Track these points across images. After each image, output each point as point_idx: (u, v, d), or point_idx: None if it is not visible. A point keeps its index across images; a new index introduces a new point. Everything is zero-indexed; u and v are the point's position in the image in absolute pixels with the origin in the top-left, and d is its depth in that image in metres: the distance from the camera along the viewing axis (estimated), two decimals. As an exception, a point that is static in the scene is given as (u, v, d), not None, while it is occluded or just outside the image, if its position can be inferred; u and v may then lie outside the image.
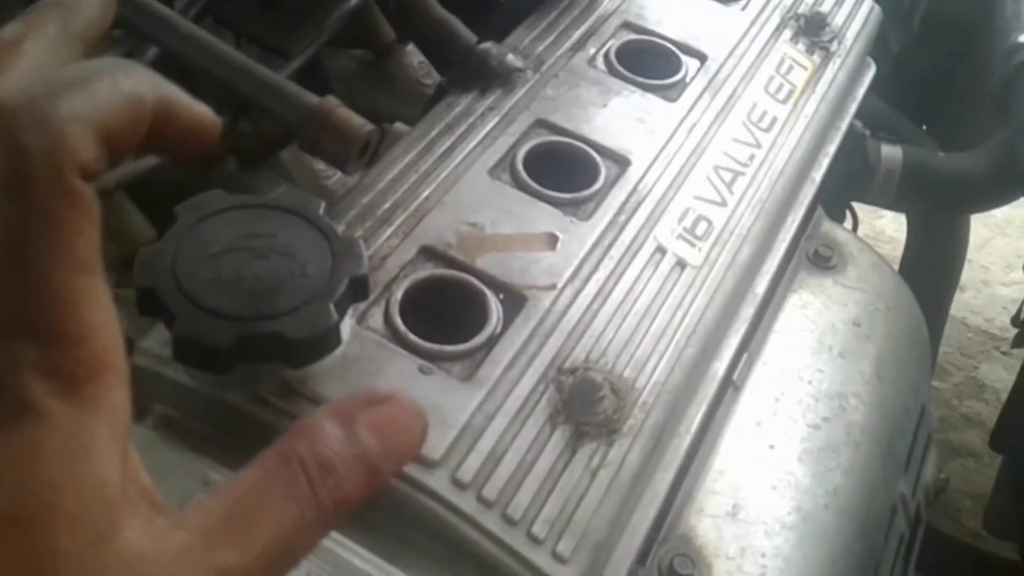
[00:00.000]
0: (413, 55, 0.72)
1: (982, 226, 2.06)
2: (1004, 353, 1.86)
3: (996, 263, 2.09)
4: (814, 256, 0.75)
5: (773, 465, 0.61)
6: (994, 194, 0.82)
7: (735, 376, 0.64)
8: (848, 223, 1.04)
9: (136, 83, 0.25)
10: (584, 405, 0.44)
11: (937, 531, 1.11)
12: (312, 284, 0.40)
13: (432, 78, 0.72)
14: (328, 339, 0.40)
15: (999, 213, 2.05)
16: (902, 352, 0.74)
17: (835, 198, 0.85)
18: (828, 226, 0.79)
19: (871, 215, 1.79)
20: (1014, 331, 1.08)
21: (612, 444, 0.44)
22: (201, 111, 0.27)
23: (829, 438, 0.64)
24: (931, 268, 1.01)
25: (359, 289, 0.40)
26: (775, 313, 0.71)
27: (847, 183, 0.81)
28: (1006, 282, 2.02)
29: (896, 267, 1.19)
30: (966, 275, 2.15)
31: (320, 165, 0.63)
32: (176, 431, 0.43)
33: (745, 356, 0.65)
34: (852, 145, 0.79)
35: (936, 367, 1.91)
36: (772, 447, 0.62)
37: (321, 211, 0.42)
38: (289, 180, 0.63)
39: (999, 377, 1.83)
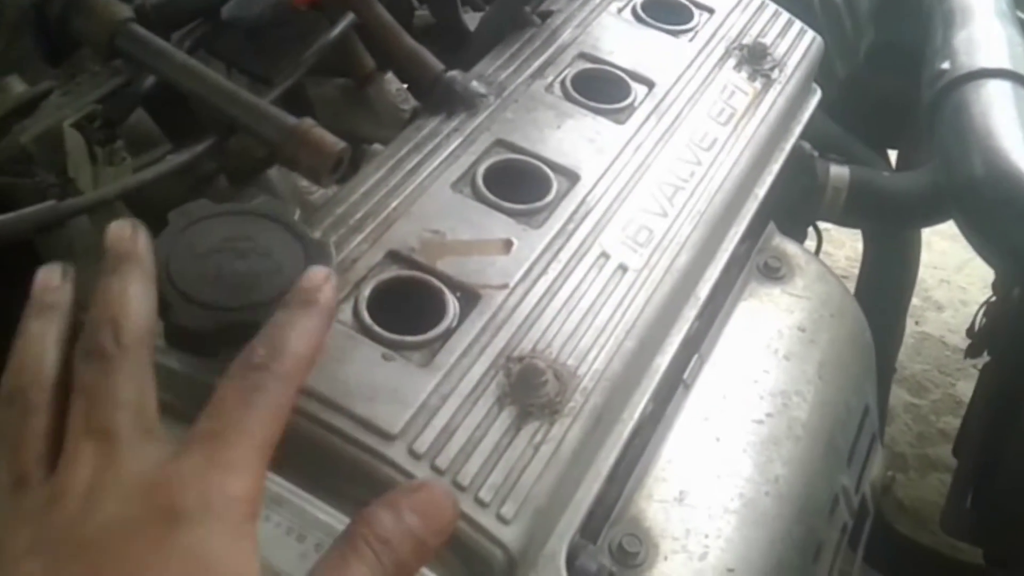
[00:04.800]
0: (391, 83, 0.78)
1: (961, 248, 2.11)
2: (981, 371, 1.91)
3: (974, 283, 2.14)
4: (764, 267, 0.81)
5: (718, 456, 0.67)
6: (929, 213, 0.88)
7: (686, 376, 0.69)
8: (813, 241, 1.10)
9: None
10: (528, 388, 0.50)
11: (902, 535, 1.16)
12: (286, 280, 0.45)
13: (409, 103, 0.78)
14: (299, 327, 0.45)
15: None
16: (845, 355, 0.79)
17: (793, 217, 0.91)
18: (779, 240, 0.84)
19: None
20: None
21: (553, 423, 0.49)
22: None
23: (772, 432, 0.70)
24: (884, 279, 1.07)
25: None
26: (726, 319, 0.76)
27: (798, 200, 0.87)
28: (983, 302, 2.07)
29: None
30: (945, 295, 2.21)
31: (303, 182, 0.69)
32: (174, 416, 0.48)
33: (696, 357, 0.70)
34: (800, 165, 0.85)
35: (914, 384, 1.97)
36: (718, 439, 0.68)
37: (296, 217, 0.48)
38: (275, 196, 0.69)
39: (976, 394, 1.88)
